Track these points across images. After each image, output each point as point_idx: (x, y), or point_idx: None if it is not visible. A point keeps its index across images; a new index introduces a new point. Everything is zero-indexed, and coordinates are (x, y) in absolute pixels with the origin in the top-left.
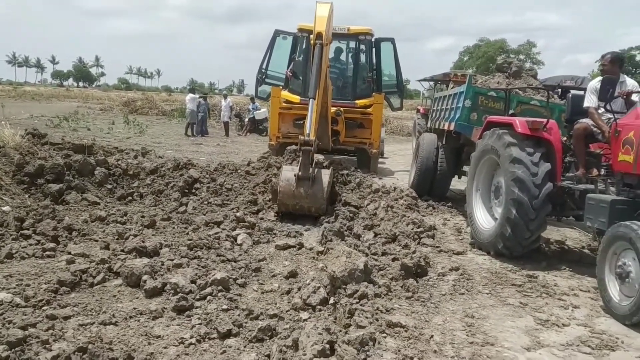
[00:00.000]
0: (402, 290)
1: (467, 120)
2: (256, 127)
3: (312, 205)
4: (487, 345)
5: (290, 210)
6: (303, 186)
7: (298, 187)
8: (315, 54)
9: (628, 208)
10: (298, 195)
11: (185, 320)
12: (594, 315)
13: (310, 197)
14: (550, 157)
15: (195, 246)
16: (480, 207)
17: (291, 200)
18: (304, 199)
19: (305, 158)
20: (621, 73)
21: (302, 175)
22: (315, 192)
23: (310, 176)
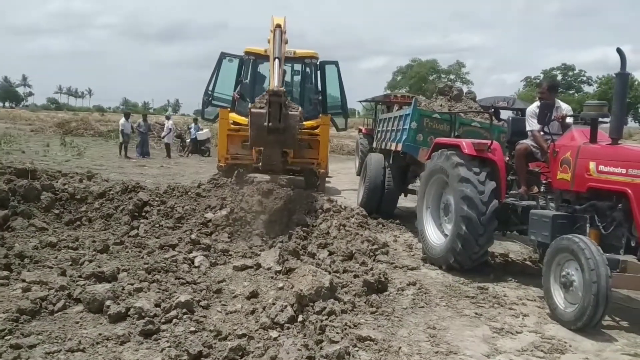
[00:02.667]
0: (366, 305)
1: (413, 141)
2: (198, 147)
3: (283, 145)
4: (451, 354)
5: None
6: (274, 134)
7: (269, 134)
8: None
9: (568, 222)
10: (270, 140)
11: (154, 344)
12: (543, 322)
13: (282, 142)
14: (495, 176)
15: (153, 270)
16: (430, 224)
17: (263, 143)
18: (275, 143)
19: (275, 110)
20: (555, 98)
21: (273, 127)
22: (286, 138)
23: (280, 127)
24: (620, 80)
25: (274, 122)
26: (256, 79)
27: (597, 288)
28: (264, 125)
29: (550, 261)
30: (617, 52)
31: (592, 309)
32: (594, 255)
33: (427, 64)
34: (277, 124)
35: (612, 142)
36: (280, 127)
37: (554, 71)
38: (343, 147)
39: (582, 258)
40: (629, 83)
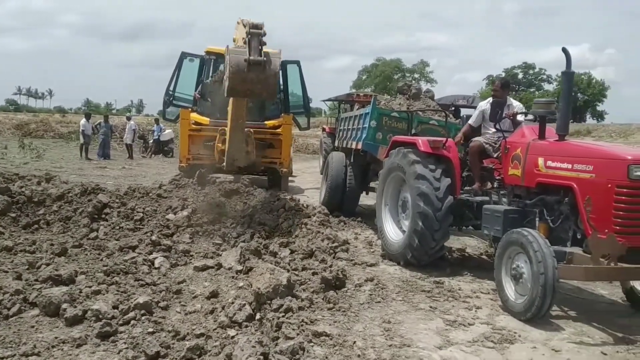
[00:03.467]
0: (324, 302)
1: (373, 140)
2: (161, 148)
3: (264, 90)
4: (405, 347)
5: (241, 96)
6: (255, 71)
7: (249, 71)
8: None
9: (519, 216)
10: (250, 79)
11: (111, 345)
12: (495, 314)
13: (263, 82)
14: (450, 172)
15: (112, 272)
16: (389, 221)
17: (242, 85)
18: (256, 85)
19: (256, 41)
20: (507, 96)
21: (254, 60)
22: (267, 77)
23: (262, 61)
24: (566, 79)
25: (254, 55)
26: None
27: (544, 279)
28: (243, 62)
29: (502, 254)
30: (563, 52)
31: (540, 300)
32: (541, 248)
33: (391, 63)
34: (258, 58)
35: (559, 139)
36: (261, 61)
37: (515, 70)
38: (308, 146)
39: (531, 251)
40: (588, 81)
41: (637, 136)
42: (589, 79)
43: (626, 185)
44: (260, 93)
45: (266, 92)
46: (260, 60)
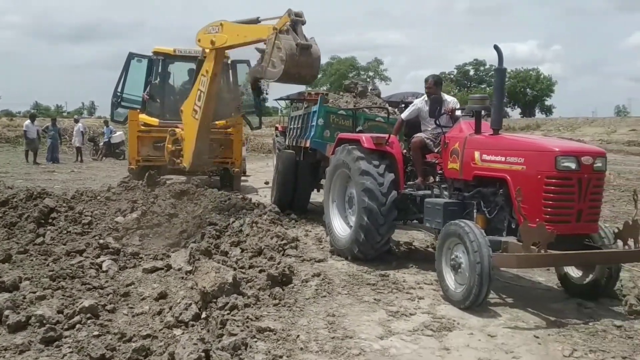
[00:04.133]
0: (270, 298)
1: (321, 138)
2: (112, 151)
3: (310, 73)
4: (347, 339)
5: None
6: (304, 55)
7: (301, 55)
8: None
9: (458, 209)
10: (300, 63)
11: (55, 350)
12: (436, 303)
13: (310, 66)
14: (393, 168)
15: (58, 277)
16: (336, 217)
17: (295, 69)
18: (305, 68)
19: (300, 28)
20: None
21: (304, 44)
22: (314, 60)
23: (310, 45)
24: (499, 75)
25: (302, 40)
26: (166, 79)
27: (480, 268)
28: (295, 46)
29: (442, 246)
30: (495, 49)
31: (477, 288)
32: (477, 238)
33: (346, 61)
34: (307, 42)
35: (493, 133)
36: (310, 45)
37: (466, 66)
38: (263, 145)
39: (467, 241)
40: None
41: (584, 129)
42: (537, 75)
43: (554, 176)
44: (306, 76)
45: (311, 75)
46: (309, 44)
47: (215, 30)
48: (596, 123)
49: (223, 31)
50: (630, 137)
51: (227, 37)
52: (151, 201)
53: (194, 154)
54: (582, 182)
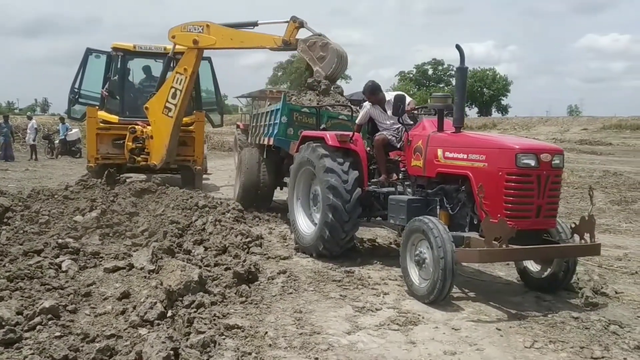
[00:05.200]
0: (236, 296)
1: (284, 135)
2: (68, 149)
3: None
4: (315, 334)
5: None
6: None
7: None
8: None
9: (422, 205)
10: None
11: (15, 352)
12: (401, 298)
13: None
14: (357, 165)
15: (16, 277)
16: (301, 214)
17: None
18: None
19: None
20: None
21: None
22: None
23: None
24: (460, 74)
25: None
26: (125, 75)
27: (444, 263)
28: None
29: (406, 242)
30: (457, 49)
31: (441, 283)
32: (441, 234)
33: None
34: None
35: (455, 131)
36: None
37: (425, 66)
38: (224, 143)
39: (431, 237)
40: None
41: (539, 128)
42: (493, 75)
43: (515, 173)
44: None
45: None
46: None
47: (199, 30)
48: (550, 122)
49: (210, 33)
50: (582, 135)
51: (215, 39)
52: (111, 200)
53: (168, 151)
54: (541, 178)
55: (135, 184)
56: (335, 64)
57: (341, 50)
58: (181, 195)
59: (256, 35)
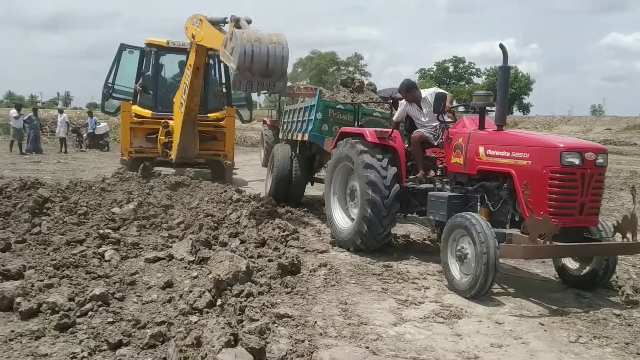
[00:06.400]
0: (282, 287)
1: (319, 131)
2: (96, 142)
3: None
4: (362, 325)
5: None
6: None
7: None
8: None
9: (461, 202)
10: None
11: (71, 336)
12: (442, 293)
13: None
14: (396, 162)
15: (62, 265)
16: (338, 209)
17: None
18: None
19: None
20: None
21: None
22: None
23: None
24: (503, 73)
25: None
26: (158, 70)
27: (487, 258)
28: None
29: (447, 237)
30: (500, 48)
31: (483, 277)
32: (483, 230)
33: (326, 56)
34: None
35: (497, 129)
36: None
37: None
38: (247, 139)
39: (474, 233)
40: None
41: (561, 127)
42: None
43: (559, 171)
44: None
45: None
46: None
47: (197, 25)
48: (572, 121)
49: (201, 28)
50: (606, 135)
51: (203, 35)
52: (147, 192)
53: (179, 148)
54: (585, 177)
55: (170, 177)
56: (245, 54)
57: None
58: (215, 189)
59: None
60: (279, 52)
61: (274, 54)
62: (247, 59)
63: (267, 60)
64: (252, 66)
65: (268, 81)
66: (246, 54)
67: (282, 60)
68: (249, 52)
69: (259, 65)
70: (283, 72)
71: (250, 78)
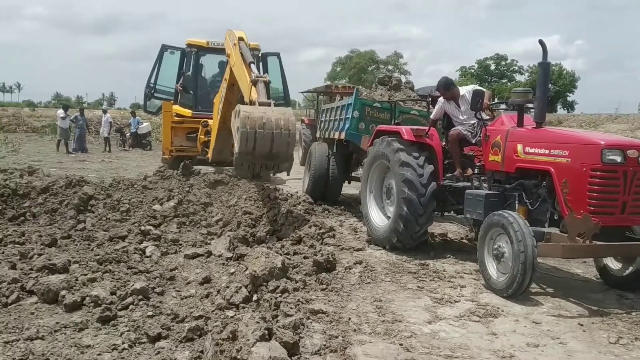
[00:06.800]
0: (317, 283)
1: (356, 130)
2: (139, 141)
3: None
4: (397, 322)
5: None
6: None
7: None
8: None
9: (499, 200)
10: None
11: (112, 329)
12: (478, 292)
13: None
14: (432, 160)
15: (105, 261)
16: (374, 208)
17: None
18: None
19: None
20: None
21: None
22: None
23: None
24: (543, 69)
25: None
26: (198, 70)
27: (524, 257)
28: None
29: (484, 236)
30: (539, 44)
31: (521, 276)
32: (521, 228)
33: (365, 54)
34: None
35: (536, 126)
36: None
37: (487, 61)
38: None
39: (511, 231)
40: (558, 72)
41: (607, 125)
42: (559, 70)
43: (600, 169)
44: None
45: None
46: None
47: (233, 43)
48: (620, 119)
49: (234, 54)
50: None
51: (234, 63)
52: (187, 190)
53: (214, 151)
54: (628, 175)
55: (209, 175)
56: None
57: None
58: (253, 187)
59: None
60: (284, 138)
61: (279, 140)
62: (249, 144)
63: (271, 146)
64: (255, 151)
65: (272, 162)
66: (248, 140)
67: (286, 146)
68: (251, 139)
69: (262, 149)
70: (287, 156)
71: (252, 161)
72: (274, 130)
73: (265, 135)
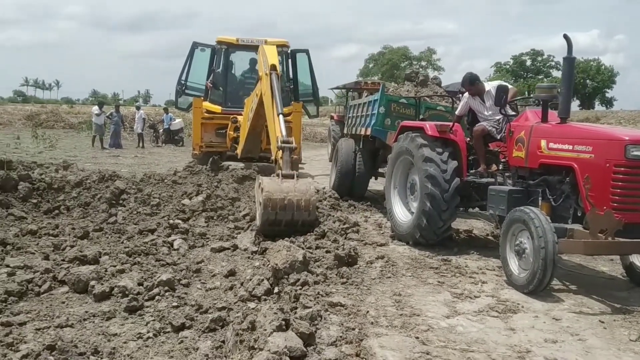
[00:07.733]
0: (337, 277)
1: (381, 126)
2: (171, 137)
3: (301, 197)
4: (414, 316)
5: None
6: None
7: (284, 182)
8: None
9: (522, 196)
10: (285, 189)
11: (138, 318)
12: (499, 287)
13: (298, 190)
14: (456, 155)
15: (134, 253)
16: (398, 203)
17: (279, 194)
18: (293, 192)
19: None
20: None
21: (286, 174)
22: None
23: (294, 174)
24: (567, 64)
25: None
26: (228, 67)
27: (545, 253)
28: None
29: (506, 232)
30: (564, 38)
31: (541, 272)
32: (542, 224)
33: (398, 51)
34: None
35: (560, 122)
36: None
37: (523, 57)
38: (316, 134)
39: (532, 227)
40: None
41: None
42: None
43: (623, 165)
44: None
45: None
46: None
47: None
48: None
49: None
50: None
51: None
52: (215, 185)
53: (243, 149)
54: None
55: (237, 171)
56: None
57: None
58: None
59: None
60: (304, 216)
61: (299, 216)
62: (270, 220)
63: (292, 217)
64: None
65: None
66: (269, 218)
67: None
68: (272, 217)
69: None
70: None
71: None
72: (294, 210)
73: (287, 214)
